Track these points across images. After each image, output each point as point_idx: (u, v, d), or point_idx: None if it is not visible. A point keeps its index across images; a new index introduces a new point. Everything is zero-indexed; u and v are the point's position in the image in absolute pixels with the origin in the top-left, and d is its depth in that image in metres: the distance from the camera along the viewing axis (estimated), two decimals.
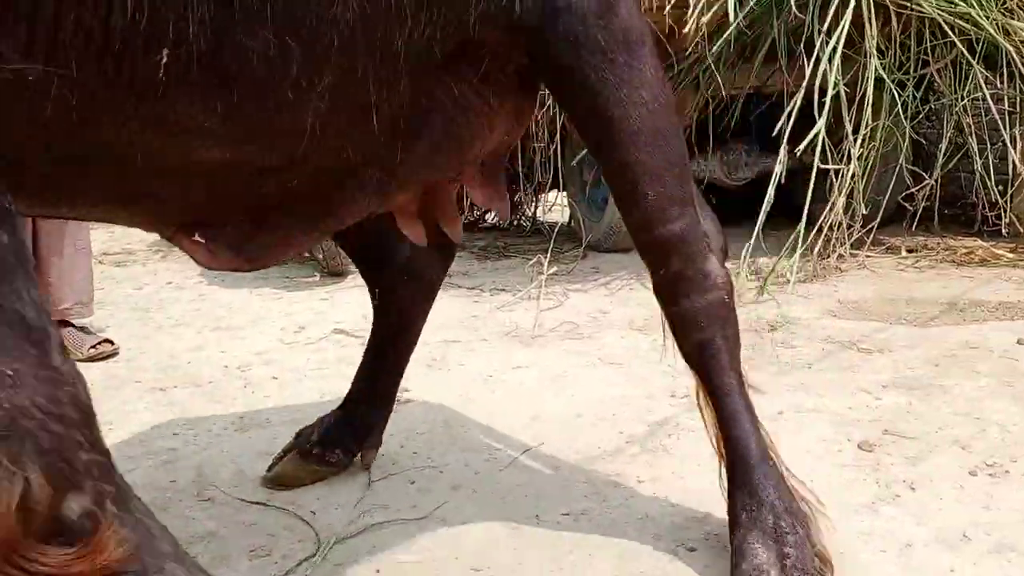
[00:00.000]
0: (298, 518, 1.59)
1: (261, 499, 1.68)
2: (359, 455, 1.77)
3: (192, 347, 2.89)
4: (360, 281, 1.88)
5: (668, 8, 3.30)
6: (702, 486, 1.61)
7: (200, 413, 2.23)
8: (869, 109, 3.15)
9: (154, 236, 1.27)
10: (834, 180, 3.21)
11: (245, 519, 1.60)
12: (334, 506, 1.64)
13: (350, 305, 3.36)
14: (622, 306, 3.17)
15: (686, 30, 3.27)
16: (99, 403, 2.47)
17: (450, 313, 3.23)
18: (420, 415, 2.12)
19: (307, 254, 4.26)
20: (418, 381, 2.39)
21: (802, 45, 3.30)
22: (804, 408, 1.99)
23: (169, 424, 2.16)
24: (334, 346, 2.81)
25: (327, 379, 2.42)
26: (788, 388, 2.13)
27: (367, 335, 1.80)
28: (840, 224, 3.27)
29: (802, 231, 3.14)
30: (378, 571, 1.39)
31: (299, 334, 3.02)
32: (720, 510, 1.50)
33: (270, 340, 2.96)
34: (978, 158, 3.34)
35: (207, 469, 1.84)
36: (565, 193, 4.75)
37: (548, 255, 3.67)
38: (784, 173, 3.22)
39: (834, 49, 3.13)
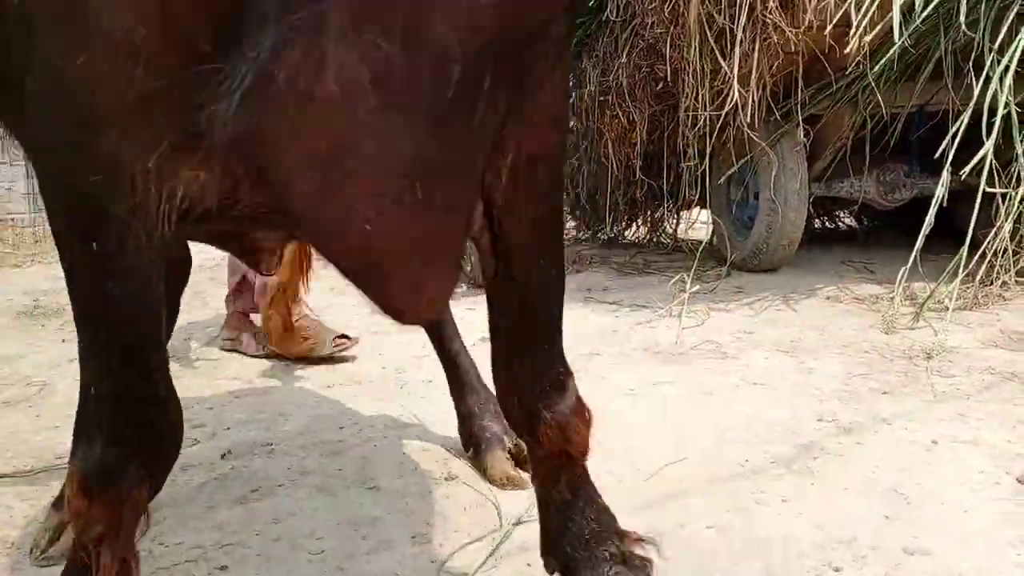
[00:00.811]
0: (463, 510, 1.72)
1: (422, 490, 1.83)
2: None
3: (353, 350, 3.11)
4: None
5: (829, 28, 3.25)
6: (849, 510, 1.62)
7: (362, 410, 2.42)
8: None
9: None
10: (1001, 204, 3.06)
11: (407, 507, 1.74)
12: (490, 501, 1.75)
13: None
14: (767, 327, 3.13)
15: (847, 49, 3.21)
16: (272, 397, 2.71)
17: (590, 326, 3.31)
18: None
19: None
20: None
21: (971, 63, 3.17)
22: (960, 439, 1.93)
23: (335, 418, 2.36)
24: (479, 352, 2.94)
25: None
26: (943, 418, 2.07)
27: None
28: (1006, 250, 3.10)
29: (964, 256, 3.01)
30: (529, 564, 1.49)
31: None
32: (868, 534, 1.51)
33: (423, 346, 3.13)
34: None
35: (371, 460, 2.01)
36: (709, 211, 4.73)
37: (692, 272, 3.68)
38: (946, 195, 3.11)
39: (1006, 68, 2.99)
